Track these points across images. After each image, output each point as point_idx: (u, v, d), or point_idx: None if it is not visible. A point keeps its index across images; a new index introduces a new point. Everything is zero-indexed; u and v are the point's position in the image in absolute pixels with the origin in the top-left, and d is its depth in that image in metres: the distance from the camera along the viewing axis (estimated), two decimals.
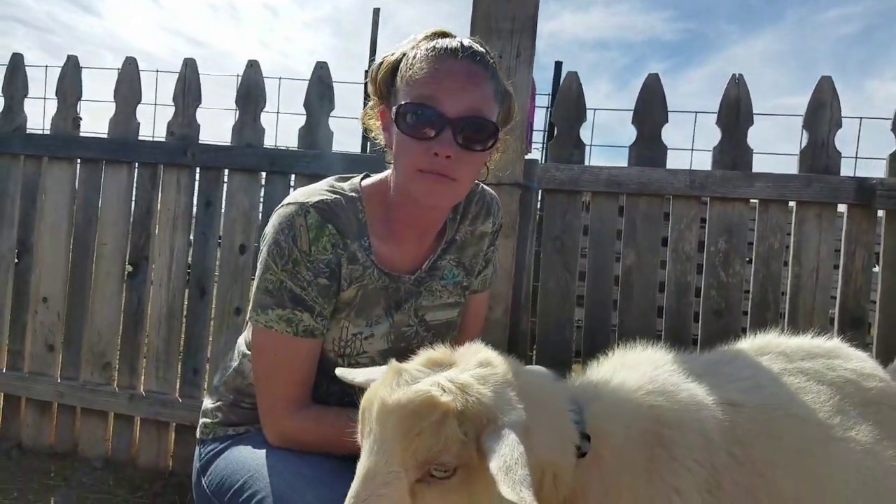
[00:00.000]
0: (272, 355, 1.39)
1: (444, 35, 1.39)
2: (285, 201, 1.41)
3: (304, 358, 1.40)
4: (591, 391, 1.26)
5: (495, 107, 1.36)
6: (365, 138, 1.63)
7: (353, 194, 1.44)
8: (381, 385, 1.04)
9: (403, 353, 1.49)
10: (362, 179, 1.51)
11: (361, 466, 0.99)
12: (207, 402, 1.60)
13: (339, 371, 1.28)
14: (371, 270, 1.43)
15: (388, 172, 1.49)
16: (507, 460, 0.88)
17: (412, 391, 0.99)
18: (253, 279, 1.45)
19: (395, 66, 1.39)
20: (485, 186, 1.65)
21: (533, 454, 0.95)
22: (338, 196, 1.41)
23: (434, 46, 1.33)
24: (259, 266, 1.39)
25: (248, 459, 1.39)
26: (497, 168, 2.26)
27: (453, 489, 0.98)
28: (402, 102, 1.32)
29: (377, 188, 1.49)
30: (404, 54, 1.38)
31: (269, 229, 1.39)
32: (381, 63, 1.42)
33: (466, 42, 1.36)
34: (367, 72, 1.49)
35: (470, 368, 1.05)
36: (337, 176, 1.52)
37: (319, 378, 1.47)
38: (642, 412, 1.23)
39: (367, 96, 1.50)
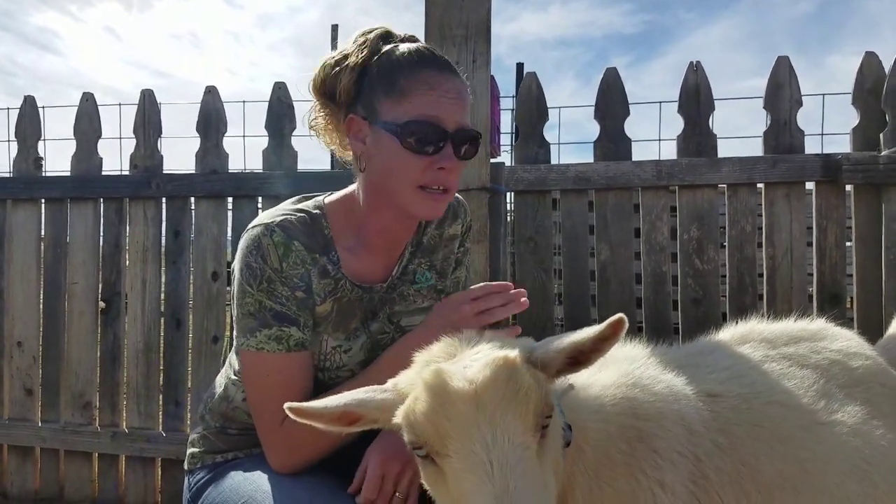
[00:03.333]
0: (267, 378, 1.36)
1: (402, 39, 1.41)
2: (250, 225, 1.40)
3: (300, 372, 1.38)
4: (565, 385, 1.21)
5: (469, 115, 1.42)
6: (334, 154, 1.60)
7: (317, 211, 1.44)
8: (446, 379, 0.93)
9: None
10: (326, 197, 1.50)
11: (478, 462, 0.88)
12: (193, 433, 1.58)
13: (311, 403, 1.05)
14: (343, 282, 1.42)
15: (353, 187, 1.48)
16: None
17: (492, 363, 0.93)
18: (228, 305, 1.42)
19: (362, 70, 1.38)
20: None
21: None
22: (301, 214, 1.41)
23: (420, 60, 1.35)
24: (235, 293, 1.37)
25: (240, 486, 1.36)
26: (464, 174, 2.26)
27: (552, 430, 0.98)
28: (407, 120, 1.30)
29: (342, 203, 1.48)
30: (370, 59, 1.37)
31: (238, 254, 1.38)
32: (340, 68, 1.39)
33: (439, 54, 1.39)
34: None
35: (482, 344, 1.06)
36: (300, 196, 1.51)
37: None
38: (618, 407, 1.21)
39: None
